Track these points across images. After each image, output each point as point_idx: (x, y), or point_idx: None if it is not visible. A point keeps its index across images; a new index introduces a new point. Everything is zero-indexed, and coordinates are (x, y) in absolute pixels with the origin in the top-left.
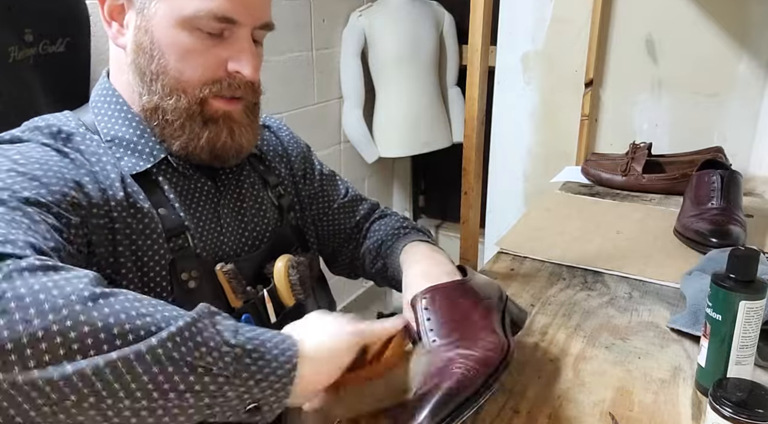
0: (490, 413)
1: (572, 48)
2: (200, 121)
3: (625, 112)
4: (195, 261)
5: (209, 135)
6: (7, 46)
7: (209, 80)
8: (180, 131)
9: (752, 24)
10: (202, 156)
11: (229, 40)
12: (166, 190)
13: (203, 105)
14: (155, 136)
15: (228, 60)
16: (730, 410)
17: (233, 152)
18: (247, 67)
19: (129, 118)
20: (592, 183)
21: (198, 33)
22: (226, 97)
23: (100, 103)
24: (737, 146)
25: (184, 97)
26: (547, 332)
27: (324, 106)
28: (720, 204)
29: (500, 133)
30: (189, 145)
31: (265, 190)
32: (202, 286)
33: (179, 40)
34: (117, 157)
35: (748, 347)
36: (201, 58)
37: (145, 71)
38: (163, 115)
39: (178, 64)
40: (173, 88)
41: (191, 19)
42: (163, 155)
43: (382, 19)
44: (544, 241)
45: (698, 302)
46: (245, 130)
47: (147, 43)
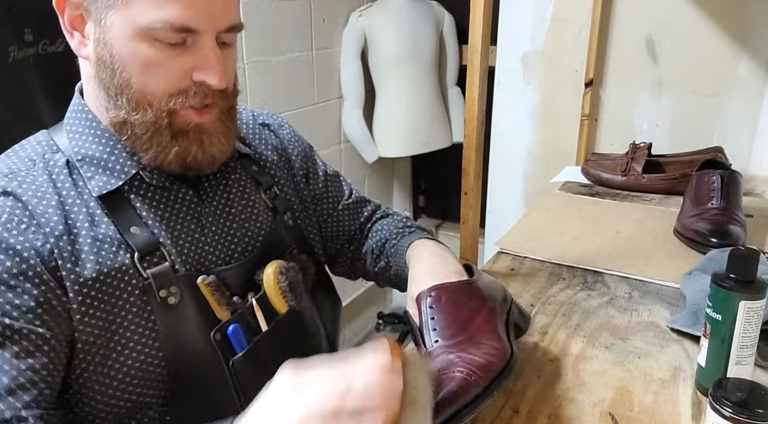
0: (490, 413)
1: (572, 48)
2: (168, 135)
3: (625, 112)
4: (173, 277)
5: (178, 150)
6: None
7: (175, 91)
8: (148, 144)
9: (752, 24)
10: (172, 168)
11: (193, 49)
12: (138, 208)
13: (172, 116)
14: (126, 151)
15: (193, 69)
16: (730, 410)
17: (205, 164)
18: (213, 77)
19: (98, 134)
20: (592, 183)
21: (158, 44)
22: (197, 107)
23: (72, 120)
24: (737, 146)
25: (151, 111)
26: (547, 332)
27: (324, 106)
28: (720, 204)
29: (500, 133)
30: (158, 158)
31: (258, 192)
32: (185, 301)
33: (139, 51)
34: (88, 176)
35: (748, 347)
36: (164, 70)
37: (108, 86)
38: (131, 130)
39: (140, 77)
40: (138, 101)
41: (148, 30)
42: (134, 171)
43: (382, 19)
44: (544, 241)
45: (698, 302)
46: (217, 140)
47: (107, 56)
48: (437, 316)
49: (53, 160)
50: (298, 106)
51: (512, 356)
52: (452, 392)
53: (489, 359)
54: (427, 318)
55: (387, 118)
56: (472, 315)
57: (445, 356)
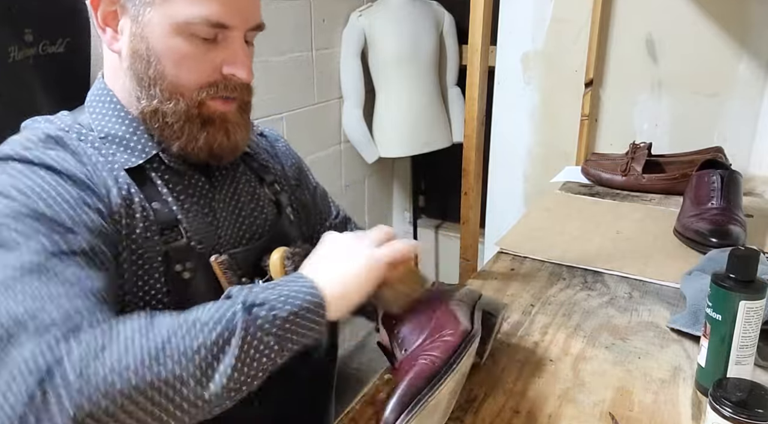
0: (489, 413)
1: (572, 48)
2: (198, 123)
3: (625, 112)
4: (189, 253)
5: (207, 136)
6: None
7: (205, 84)
8: (179, 133)
9: (752, 24)
10: (200, 156)
11: (223, 44)
12: (158, 185)
13: (201, 107)
14: (147, 133)
15: (222, 63)
16: (730, 410)
17: (229, 151)
18: (242, 70)
19: (122, 116)
20: (592, 183)
21: (192, 38)
22: (222, 97)
23: (95, 103)
24: (737, 146)
25: (183, 101)
26: (547, 332)
27: (324, 106)
28: (720, 204)
29: (500, 133)
30: (188, 147)
31: (262, 187)
32: (197, 277)
33: (175, 46)
34: (111, 152)
35: (748, 347)
36: (197, 63)
37: (142, 77)
38: (162, 118)
39: (174, 69)
40: (172, 92)
41: (185, 25)
42: (154, 152)
43: (382, 19)
44: (544, 241)
45: (698, 302)
46: (239, 129)
47: (143, 49)
48: (401, 329)
49: (83, 134)
50: (298, 107)
51: (471, 331)
52: (413, 378)
53: (447, 340)
54: (394, 332)
55: (387, 118)
56: (431, 314)
57: (411, 355)
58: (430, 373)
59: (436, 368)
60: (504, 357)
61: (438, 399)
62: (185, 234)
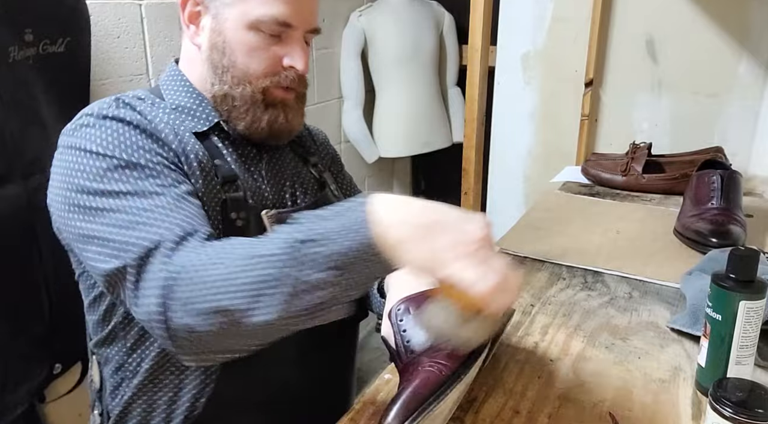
0: (490, 413)
1: (572, 48)
2: (262, 107)
3: (625, 112)
4: (243, 205)
5: (269, 118)
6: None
7: (270, 73)
8: (245, 114)
9: (752, 24)
10: (262, 135)
11: (286, 41)
12: (220, 148)
13: (265, 93)
14: (210, 106)
15: (284, 57)
16: (730, 410)
17: (286, 131)
18: (300, 63)
19: (190, 92)
20: (592, 183)
21: (261, 34)
22: (283, 87)
23: (169, 82)
24: (737, 146)
25: (250, 87)
26: (547, 332)
27: (324, 106)
28: (720, 204)
29: (500, 133)
30: (252, 126)
31: (306, 167)
32: (249, 226)
33: (246, 39)
34: (180, 120)
35: (748, 347)
36: (263, 55)
37: (217, 65)
38: (232, 102)
39: (244, 59)
40: (241, 79)
41: (256, 22)
42: (216, 120)
43: (382, 19)
44: (544, 241)
45: (698, 302)
46: (296, 114)
47: (220, 42)
48: (408, 328)
49: (157, 103)
50: None
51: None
52: (419, 386)
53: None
54: (399, 331)
55: (387, 118)
56: None
57: (417, 360)
58: (436, 382)
59: (443, 378)
60: (504, 357)
61: (441, 408)
62: (242, 187)
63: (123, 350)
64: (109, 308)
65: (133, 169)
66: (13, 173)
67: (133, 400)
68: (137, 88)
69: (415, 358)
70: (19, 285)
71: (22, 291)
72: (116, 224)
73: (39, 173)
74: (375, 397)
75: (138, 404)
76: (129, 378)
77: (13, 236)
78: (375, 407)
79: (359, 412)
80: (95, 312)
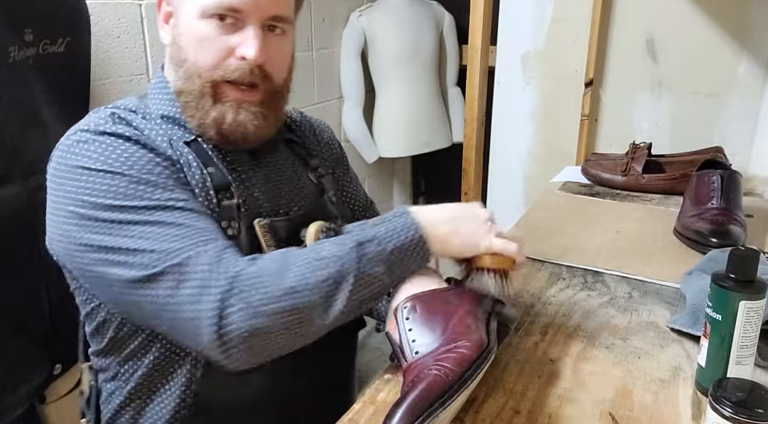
0: (490, 413)
1: (572, 48)
2: (210, 101)
3: (625, 112)
4: (236, 213)
5: (215, 115)
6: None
7: (218, 64)
8: (194, 111)
9: (752, 24)
10: (210, 134)
11: (239, 29)
12: (212, 156)
13: (214, 88)
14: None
15: (237, 46)
16: (730, 410)
17: (239, 135)
18: (251, 50)
19: (173, 100)
20: (592, 183)
21: (211, 23)
22: (239, 83)
23: (155, 90)
24: (737, 146)
25: (199, 80)
26: (547, 332)
27: (324, 106)
28: (720, 204)
29: (500, 133)
30: (200, 122)
31: (305, 171)
32: (241, 235)
33: (197, 29)
34: (170, 130)
35: (748, 347)
36: (213, 45)
37: (176, 61)
38: (185, 98)
39: (195, 50)
40: (191, 73)
41: (204, 9)
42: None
43: (382, 19)
44: (544, 241)
45: (698, 302)
46: (254, 117)
47: (177, 36)
48: (414, 327)
49: (147, 114)
50: (299, 106)
51: (488, 346)
52: (425, 389)
53: (462, 352)
54: (405, 330)
55: (387, 119)
56: (447, 319)
57: (423, 362)
58: (442, 387)
59: (450, 383)
60: (504, 357)
61: (447, 414)
62: (235, 195)
63: (117, 359)
64: (101, 322)
65: (147, 185)
66: (13, 173)
67: (123, 405)
68: (137, 88)
69: (420, 359)
70: (19, 285)
71: (22, 291)
72: (143, 235)
73: (39, 173)
74: (375, 397)
75: (127, 410)
76: (122, 386)
77: (13, 236)
78: (375, 407)
79: (359, 412)
80: (90, 325)
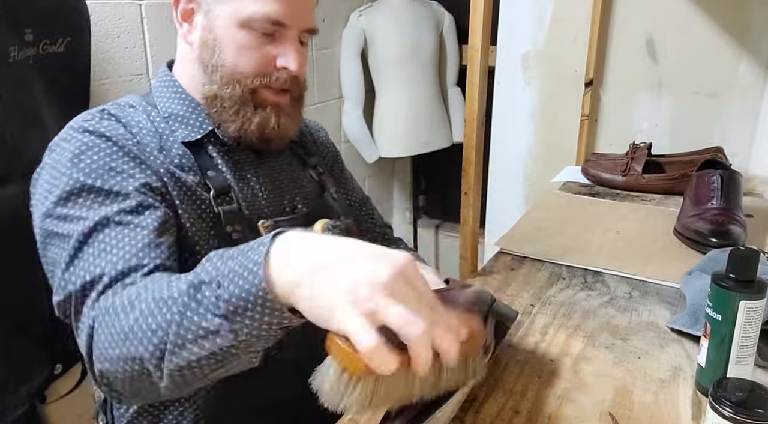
0: (490, 413)
1: (572, 48)
2: (251, 108)
3: (625, 112)
4: (239, 216)
5: (259, 120)
6: (7, 46)
7: (260, 73)
8: (235, 116)
9: (752, 24)
10: (252, 139)
11: (279, 40)
12: (215, 157)
13: (254, 94)
14: (205, 113)
15: (277, 57)
16: (730, 410)
17: (277, 137)
18: (293, 63)
19: (183, 98)
20: (592, 183)
21: (253, 32)
22: (275, 89)
23: (161, 88)
24: (737, 146)
25: (239, 87)
26: (547, 332)
27: (324, 106)
28: (720, 204)
29: (500, 133)
30: (242, 129)
31: (305, 170)
32: (246, 238)
33: (237, 38)
34: (173, 129)
35: (748, 347)
36: (253, 54)
37: (207, 64)
38: (221, 103)
39: (233, 58)
40: (229, 79)
41: (248, 20)
42: (210, 128)
43: (382, 19)
44: (544, 241)
45: (698, 302)
46: (290, 120)
47: (210, 40)
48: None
49: (149, 110)
50: None
51: (484, 344)
52: None
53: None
54: None
55: (387, 118)
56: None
57: None
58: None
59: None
60: (504, 357)
61: (444, 411)
62: (236, 200)
63: None
64: None
65: (98, 194)
66: (13, 173)
67: (140, 413)
68: (137, 88)
69: None
70: (19, 285)
71: (22, 291)
72: (63, 253)
73: None
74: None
75: (144, 416)
76: None
77: (13, 236)
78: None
79: (359, 412)
80: None
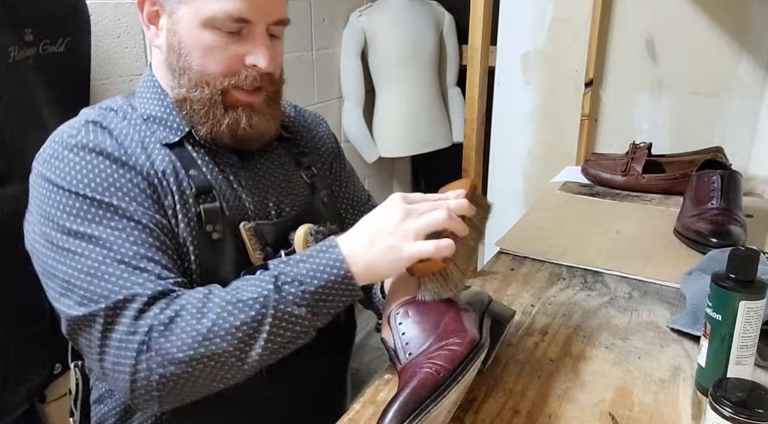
0: (490, 413)
1: (572, 48)
2: (221, 109)
3: (625, 112)
4: (220, 217)
5: (229, 122)
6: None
7: (229, 73)
8: (205, 118)
9: (752, 24)
10: (224, 140)
11: (246, 38)
12: (195, 158)
13: (224, 95)
14: (180, 116)
15: (245, 55)
16: (730, 410)
17: (253, 137)
18: (262, 60)
19: (161, 99)
20: (592, 183)
21: (217, 32)
22: (247, 89)
23: (143, 89)
24: (737, 146)
25: (207, 89)
26: (547, 332)
27: (324, 106)
28: (720, 204)
29: (500, 133)
30: (213, 130)
31: (297, 171)
32: (226, 239)
33: (201, 39)
34: (152, 131)
35: (748, 347)
36: (221, 54)
37: (174, 68)
38: (190, 105)
39: (201, 60)
40: (198, 81)
41: (210, 20)
42: (187, 129)
43: (382, 19)
44: (544, 241)
45: (698, 302)
46: (264, 119)
47: (176, 42)
48: (407, 330)
49: (129, 113)
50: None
51: (479, 342)
52: (417, 387)
53: (453, 349)
54: (399, 334)
55: (387, 118)
56: (440, 318)
57: (416, 361)
58: (434, 383)
59: (441, 379)
60: (504, 357)
61: (439, 410)
62: (218, 199)
63: None
64: None
65: (105, 209)
66: (13, 173)
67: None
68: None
69: (413, 359)
70: (19, 285)
71: (22, 291)
72: (83, 269)
73: None
74: (375, 397)
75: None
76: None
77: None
78: (375, 407)
79: (359, 412)
80: None
